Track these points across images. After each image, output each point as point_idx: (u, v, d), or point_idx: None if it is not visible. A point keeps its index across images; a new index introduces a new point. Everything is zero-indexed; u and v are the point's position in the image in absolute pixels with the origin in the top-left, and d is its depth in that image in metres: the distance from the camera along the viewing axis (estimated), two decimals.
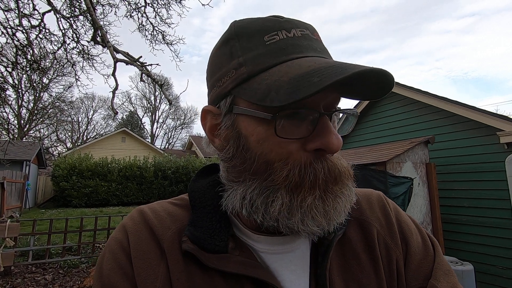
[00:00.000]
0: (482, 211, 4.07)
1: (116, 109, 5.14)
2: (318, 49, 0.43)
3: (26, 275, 4.60)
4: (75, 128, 30.10)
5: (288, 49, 0.41)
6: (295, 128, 0.40)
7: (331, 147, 0.39)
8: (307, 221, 0.40)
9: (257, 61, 0.41)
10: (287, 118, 0.39)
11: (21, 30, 5.31)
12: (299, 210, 0.40)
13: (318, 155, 0.40)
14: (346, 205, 0.43)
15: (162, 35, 6.65)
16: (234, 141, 0.43)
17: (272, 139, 0.40)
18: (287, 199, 0.40)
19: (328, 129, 0.39)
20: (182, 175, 14.34)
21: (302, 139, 0.40)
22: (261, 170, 0.41)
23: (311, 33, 0.44)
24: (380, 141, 5.39)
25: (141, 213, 0.48)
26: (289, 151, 0.40)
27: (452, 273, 0.48)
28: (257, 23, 0.44)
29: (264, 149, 0.40)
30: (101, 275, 0.43)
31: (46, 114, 20.60)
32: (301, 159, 0.39)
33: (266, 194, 0.41)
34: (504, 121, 3.87)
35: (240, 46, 0.43)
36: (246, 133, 0.42)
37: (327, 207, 0.40)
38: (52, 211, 11.32)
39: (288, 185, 0.39)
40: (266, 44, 0.42)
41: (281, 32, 0.42)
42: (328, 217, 0.40)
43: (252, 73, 0.41)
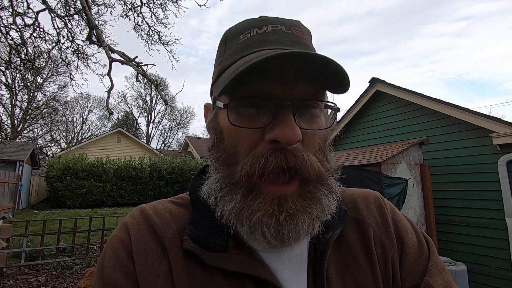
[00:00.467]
0: (475, 211, 4.12)
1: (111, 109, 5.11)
2: (287, 42, 0.44)
3: (19, 277, 4.53)
4: (70, 128, 29.84)
5: (252, 45, 0.44)
6: (255, 118, 0.41)
7: (283, 138, 0.38)
8: (256, 235, 0.40)
9: (228, 58, 0.45)
10: (243, 108, 0.41)
11: (15, 28, 5.26)
12: (248, 221, 0.39)
13: (275, 147, 0.39)
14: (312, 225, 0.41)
15: (158, 35, 6.64)
16: (214, 131, 0.46)
17: (235, 129, 0.41)
18: (239, 205, 0.40)
19: (284, 121, 0.38)
20: (177, 175, 14.28)
21: (261, 130, 0.40)
22: (229, 161, 0.43)
23: (285, 27, 0.45)
24: (375, 142, 5.43)
25: (143, 211, 0.48)
26: (250, 142, 0.41)
27: (446, 271, 0.49)
28: (240, 25, 0.48)
29: (232, 140, 0.42)
30: (103, 273, 0.43)
31: (40, 114, 20.38)
32: (256, 149, 0.40)
33: (226, 190, 0.42)
34: (497, 123, 3.92)
35: (224, 49, 0.48)
36: (221, 124, 0.44)
37: (280, 227, 0.39)
38: (45, 212, 11.19)
39: (242, 177, 0.40)
40: (238, 43, 0.45)
41: (253, 30, 0.45)
42: (282, 238, 0.39)
43: (222, 70, 0.46)
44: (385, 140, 5.24)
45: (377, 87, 5.45)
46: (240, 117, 0.41)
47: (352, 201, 0.55)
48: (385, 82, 5.30)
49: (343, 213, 0.50)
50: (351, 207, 0.54)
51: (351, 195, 0.56)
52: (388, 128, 5.32)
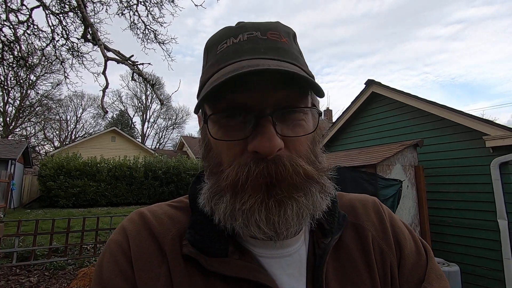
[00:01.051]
0: (468, 213, 4.17)
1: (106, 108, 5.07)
2: (261, 49, 0.44)
3: (10, 277, 4.46)
4: (63, 126, 29.47)
5: (228, 56, 0.44)
6: (236, 130, 0.41)
7: (261, 149, 0.38)
8: (251, 228, 0.40)
9: (207, 71, 0.46)
10: (222, 121, 0.42)
11: (8, 25, 5.18)
12: (241, 215, 0.40)
13: (257, 156, 0.40)
14: (302, 213, 0.41)
15: (154, 34, 6.60)
16: (203, 141, 0.48)
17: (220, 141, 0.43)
18: (229, 204, 0.41)
19: (261, 131, 0.39)
20: (173, 175, 14.20)
21: (244, 141, 0.41)
22: (215, 170, 0.44)
23: (261, 33, 0.45)
24: (370, 143, 5.46)
25: (141, 215, 0.48)
26: (235, 153, 0.41)
27: (443, 277, 0.49)
28: (218, 34, 0.48)
29: (217, 150, 0.44)
30: (101, 278, 0.43)
31: (33, 112, 20.10)
32: (239, 160, 0.41)
33: (216, 197, 0.43)
34: (490, 125, 3.98)
35: (206, 59, 0.49)
36: (208, 135, 0.45)
37: (269, 214, 0.39)
38: (38, 212, 11.05)
39: (228, 185, 0.41)
40: (216, 54, 0.46)
41: (230, 39, 0.45)
42: (274, 227, 0.40)
43: (203, 82, 0.46)
44: (380, 141, 5.28)
45: (372, 88, 5.48)
46: (223, 129, 0.42)
47: (351, 207, 0.55)
48: (381, 84, 5.34)
49: (342, 218, 0.50)
50: (350, 212, 0.54)
51: (349, 200, 0.57)
52: (383, 130, 5.36)
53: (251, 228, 0.40)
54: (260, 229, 0.40)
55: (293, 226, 0.41)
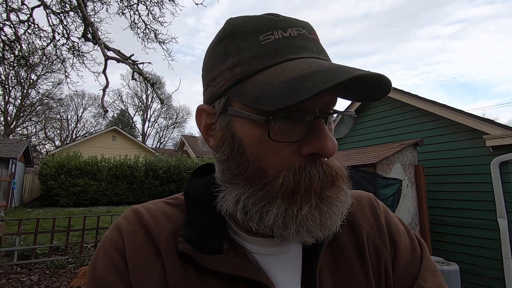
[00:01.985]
0: (468, 212, 4.17)
1: (106, 107, 5.07)
2: (314, 49, 0.42)
3: (11, 276, 4.48)
4: (64, 126, 29.51)
5: (283, 50, 0.40)
6: (289, 131, 0.39)
7: (326, 151, 0.38)
8: (302, 233, 0.39)
9: (251, 62, 0.40)
10: (281, 121, 0.38)
11: (9, 24, 5.19)
12: (294, 222, 0.39)
13: (313, 159, 0.39)
14: (343, 211, 0.42)
15: (154, 34, 6.60)
16: (229, 142, 0.43)
17: (266, 143, 0.39)
18: (282, 209, 0.39)
19: (323, 133, 0.38)
20: (173, 174, 14.21)
21: (297, 143, 0.39)
22: (255, 176, 0.40)
23: (307, 32, 0.43)
24: (370, 143, 5.46)
25: (136, 212, 0.48)
26: (283, 156, 0.39)
27: (438, 274, 0.49)
28: (253, 21, 0.43)
29: (259, 153, 0.40)
30: (95, 275, 0.42)
31: (34, 111, 20.13)
32: (295, 164, 0.39)
33: (261, 204, 0.40)
34: (490, 125, 3.97)
35: (234, 46, 0.42)
36: (240, 135, 0.41)
37: (323, 218, 0.39)
38: (39, 211, 11.08)
39: (284, 192, 0.39)
40: (261, 45, 0.41)
41: (277, 31, 0.41)
42: (324, 228, 0.40)
43: (246, 75, 0.40)
44: (380, 141, 5.27)
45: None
46: (277, 131, 0.39)
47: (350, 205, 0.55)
48: None
49: None
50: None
51: None
52: (383, 129, 5.36)
53: (302, 234, 0.39)
54: (310, 234, 0.40)
55: (336, 227, 0.41)
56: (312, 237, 0.40)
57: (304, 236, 0.40)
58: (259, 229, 0.41)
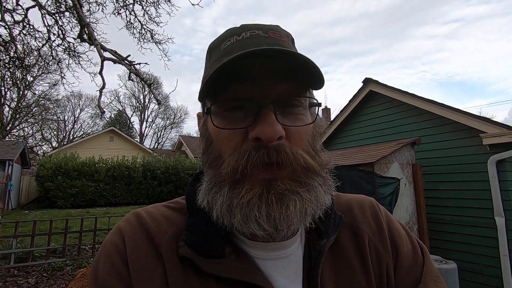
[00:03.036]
0: (466, 210, 4.19)
1: (103, 108, 5.04)
2: (263, 44, 0.44)
3: (8, 279, 4.45)
4: (61, 127, 29.35)
5: (232, 51, 0.44)
6: (238, 120, 0.42)
7: (263, 134, 0.39)
8: (251, 224, 0.39)
9: (211, 66, 0.47)
10: (226, 110, 0.42)
11: (4, 25, 5.15)
12: (239, 210, 0.39)
13: (258, 144, 0.40)
14: (306, 209, 0.40)
15: (150, 34, 6.57)
16: (204, 137, 0.48)
17: (221, 132, 0.43)
18: (227, 197, 0.41)
19: (264, 119, 0.40)
20: (171, 175, 14.18)
21: (245, 130, 0.41)
22: (216, 163, 0.44)
23: (263, 32, 0.47)
24: (367, 142, 5.47)
25: (138, 216, 0.48)
26: (236, 142, 0.42)
27: (440, 279, 0.49)
28: (221, 36, 0.50)
29: (218, 142, 0.44)
30: (96, 278, 0.43)
31: (30, 113, 20.00)
32: (240, 148, 0.41)
33: (213, 190, 0.43)
34: (487, 123, 3.99)
35: (209, 58, 0.50)
36: (209, 129, 0.46)
37: (270, 210, 0.38)
38: (36, 212, 11.01)
39: (229, 176, 0.40)
40: (220, 51, 0.47)
41: (233, 37, 0.47)
42: (275, 222, 0.39)
43: (206, 77, 0.45)
44: (378, 140, 5.29)
45: (370, 87, 5.49)
46: (225, 120, 0.43)
47: (348, 207, 0.55)
48: (378, 82, 5.35)
49: (338, 219, 0.50)
50: (347, 213, 0.54)
51: (346, 201, 0.56)
52: (381, 128, 5.37)
53: (250, 225, 0.39)
54: (260, 226, 0.39)
55: (295, 223, 0.40)
56: (265, 231, 0.40)
57: (255, 229, 0.39)
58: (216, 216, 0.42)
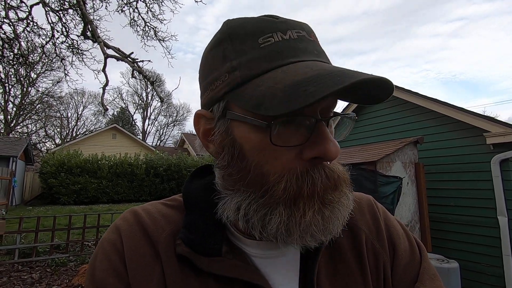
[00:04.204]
0: (468, 210, 4.17)
1: (106, 106, 5.07)
2: (315, 51, 0.41)
3: (12, 274, 4.50)
4: (64, 124, 29.51)
5: (283, 53, 0.39)
6: (291, 136, 0.38)
7: (329, 154, 0.37)
8: (306, 238, 0.39)
9: (251, 65, 0.39)
10: (282, 126, 0.38)
11: (8, 22, 5.17)
12: (298, 228, 0.38)
13: (315, 162, 0.38)
14: (345, 215, 0.41)
15: (154, 31, 6.57)
16: (229, 148, 0.42)
17: (268, 148, 0.38)
18: (285, 217, 0.38)
19: (325, 136, 0.38)
20: (174, 172, 14.23)
21: (298, 148, 0.38)
22: (256, 182, 0.40)
23: (307, 34, 0.42)
24: (370, 141, 5.45)
25: (135, 214, 0.47)
26: (285, 161, 0.38)
27: (437, 278, 0.49)
28: (252, 23, 0.42)
29: (260, 159, 0.39)
30: (94, 277, 0.42)
31: (34, 110, 20.11)
32: (297, 168, 0.38)
33: (263, 212, 0.39)
34: (491, 122, 3.96)
35: (233, 49, 0.41)
36: (241, 140, 0.40)
37: (326, 223, 0.39)
38: (39, 209, 11.10)
39: (286, 198, 0.38)
40: (260, 47, 0.40)
41: (276, 34, 0.40)
42: (327, 232, 0.40)
43: (245, 78, 0.39)
44: (380, 138, 5.27)
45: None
46: (278, 135, 0.38)
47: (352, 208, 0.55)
48: None
49: None
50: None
51: None
52: (383, 127, 5.35)
53: (306, 239, 0.39)
54: (315, 238, 0.39)
55: (338, 230, 0.41)
56: (315, 242, 0.40)
57: (308, 241, 0.39)
58: (262, 237, 0.41)
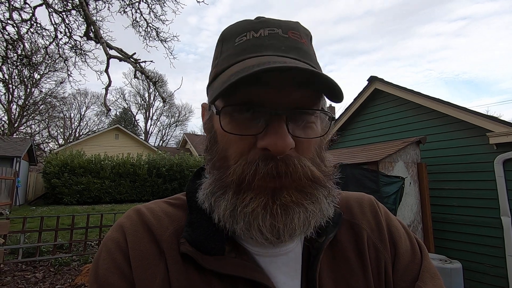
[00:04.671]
0: (471, 210, 4.15)
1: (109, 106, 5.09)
2: (282, 47, 0.43)
3: (16, 273, 4.53)
4: (67, 124, 29.66)
5: (248, 49, 0.43)
6: (249, 125, 0.41)
7: (274, 147, 0.38)
8: (253, 232, 0.39)
9: (223, 61, 0.45)
10: (236, 114, 0.41)
11: (12, 24, 5.21)
12: (242, 217, 0.39)
13: (266, 154, 0.39)
14: (309, 222, 0.40)
15: (156, 32, 6.60)
16: (209, 133, 0.47)
17: (227, 134, 0.41)
18: (230, 202, 0.40)
19: (275, 129, 0.38)
20: (176, 172, 14.27)
21: (254, 137, 0.40)
22: (219, 164, 0.43)
23: (282, 31, 0.45)
24: (372, 140, 5.44)
25: (139, 212, 0.48)
26: (242, 148, 0.41)
27: (438, 277, 0.49)
28: (238, 26, 0.47)
29: (224, 144, 0.43)
30: (97, 275, 0.42)
31: (37, 110, 20.24)
32: (247, 156, 0.40)
33: (218, 193, 0.42)
34: (494, 122, 3.94)
35: (220, 49, 0.48)
36: (215, 127, 0.45)
37: (274, 221, 0.39)
38: (43, 209, 11.17)
39: (233, 182, 0.40)
40: (234, 46, 0.45)
41: (249, 33, 0.45)
42: (278, 233, 0.39)
43: (218, 73, 0.45)
44: (382, 138, 5.25)
45: (375, 85, 5.45)
46: (234, 122, 0.41)
47: (347, 205, 0.55)
48: (383, 80, 5.31)
49: (337, 217, 0.50)
50: (346, 211, 0.54)
51: (345, 198, 0.56)
52: (386, 127, 5.33)
53: (253, 232, 0.40)
54: (263, 234, 0.40)
55: (298, 234, 0.41)
56: (266, 240, 0.40)
57: (257, 237, 0.40)
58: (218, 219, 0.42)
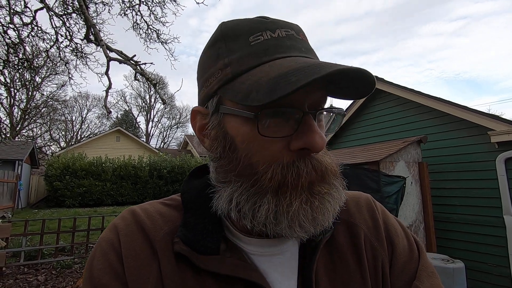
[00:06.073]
0: (473, 209, 4.13)
1: (110, 108, 5.11)
2: (302, 49, 0.44)
3: (18, 276, 4.54)
4: (69, 127, 29.76)
5: (271, 49, 0.42)
6: (279, 127, 0.40)
7: (315, 145, 0.38)
8: (295, 228, 0.40)
9: (241, 61, 0.42)
10: (271, 117, 0.39)
11: (13, 27, 5.24)
12: (286, 217, 0.39)
13: (302, 154, 0.40)
14: (335, 208, 0.42)
15: (156, 34, 6.62)
16: (221, 140, 0.44)
17: (256, 139, 0.40)
18: (272, 205, 0.40)
19: (312, 128, 0.39)
20: (177, 174, 14.29)
21: (286, 139, 0.40)
22: (246, 172, 0.41)
23: (296, 33, 0.45)
24: (373, 140, 5.43)
25: (133, 213, 0.48)
26: (273, 151, 0.40)
27: (435, 275, 0.49)
28: (244, 24, 0.45)
29: (249, 150, 0.41)
30: (92, 276, 0.42)
31: (39, 113, 20.32)
32: (283, 159, 0.39)
33: (253, 200, 0.41)
34: (495, 120, 3.92)
35: (226, 48, 0.44)
36: (232, 133, 0.42)
37: (315, 213, 0.40)
38: (45, 211, 11.20)
39: (272, 187, 0.39)
40: (250, 45, 0.42)
41: (266, 32, 0.43)
42: (316, 223, 0.40)
43: (236, 74, 0.42)
44: (383, 138, 5.24)
45: (376, 85, 5.44)
46: (267, 127, 0.40)
47: (344, 204, 0.55)
48: (384, 80, 5.30)
49: None
50: (342, 210, 0.53)
51: None
52: (386, 126, 5.32)
53: (295, 229, 0.40)
54: (303, 229, 0.40)
55: (328, 222, 0.42)
56: (305, 233, 0.41)
57: (297, 231, 0.40)
58: (253, 226, 0.42)
